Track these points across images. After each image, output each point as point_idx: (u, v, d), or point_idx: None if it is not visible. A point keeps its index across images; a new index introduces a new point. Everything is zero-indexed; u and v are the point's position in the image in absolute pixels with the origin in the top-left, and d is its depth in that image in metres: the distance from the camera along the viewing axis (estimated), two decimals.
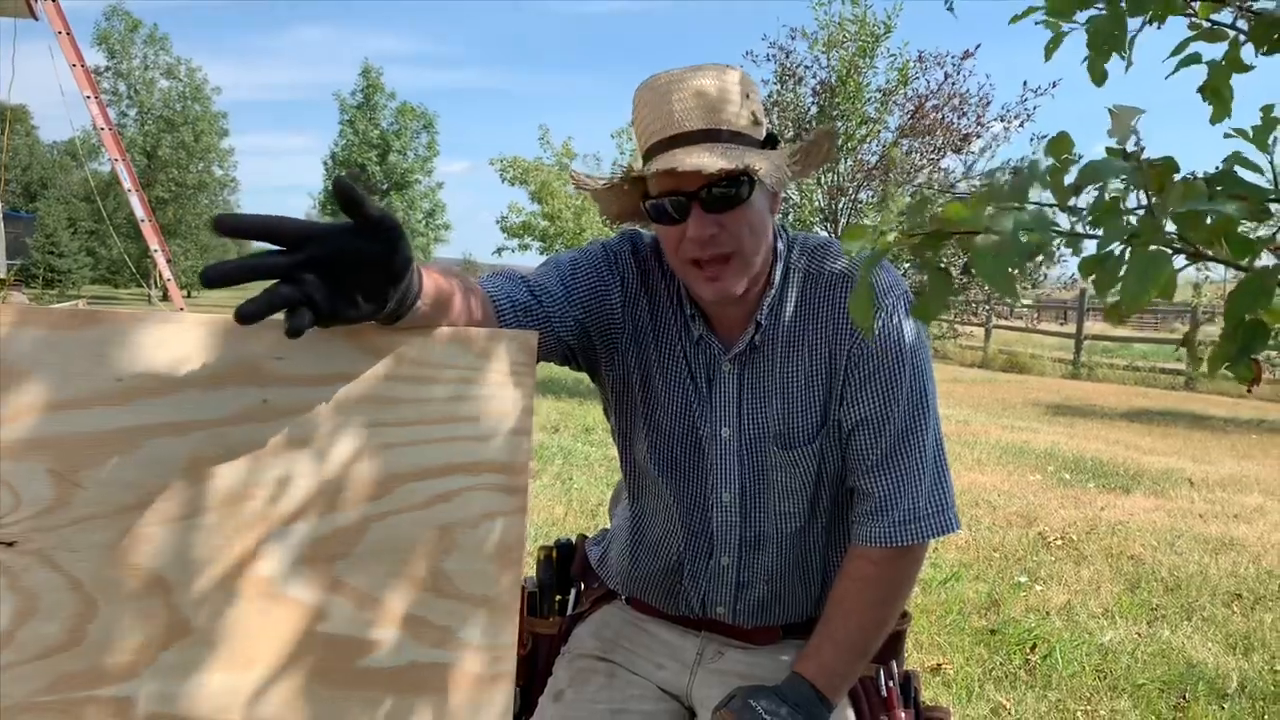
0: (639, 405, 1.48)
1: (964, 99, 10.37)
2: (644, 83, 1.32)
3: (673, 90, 1.27)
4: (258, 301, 0.82)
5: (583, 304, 1.40)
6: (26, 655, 0.86)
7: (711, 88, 1.26)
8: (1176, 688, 3.13)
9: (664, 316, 1.45)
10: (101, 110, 13.15)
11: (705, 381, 1.44)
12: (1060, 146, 0.69)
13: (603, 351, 1.46)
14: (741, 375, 1.42)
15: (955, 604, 3.81)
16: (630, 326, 1.45)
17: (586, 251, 1.46)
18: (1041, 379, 14.94)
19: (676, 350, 1.44)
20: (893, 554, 1.37)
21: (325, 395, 0.92)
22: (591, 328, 1.42)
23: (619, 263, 1.45)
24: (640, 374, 1.46)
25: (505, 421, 0.97)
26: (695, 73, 1.28)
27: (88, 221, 27.46)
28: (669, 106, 1.27)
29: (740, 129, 1.27)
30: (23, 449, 0.85)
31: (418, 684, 0.95)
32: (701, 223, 1.27)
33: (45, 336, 0.85)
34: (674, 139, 1.26)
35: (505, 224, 13.60)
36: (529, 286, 1.36)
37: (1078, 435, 8.75)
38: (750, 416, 1.42)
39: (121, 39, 28.58)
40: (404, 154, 28.46)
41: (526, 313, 1.32)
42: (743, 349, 1.40)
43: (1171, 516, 5.50)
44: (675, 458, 1.47)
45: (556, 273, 1.41)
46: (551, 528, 4.57)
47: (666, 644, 1.55)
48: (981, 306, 11.04)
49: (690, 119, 1.25)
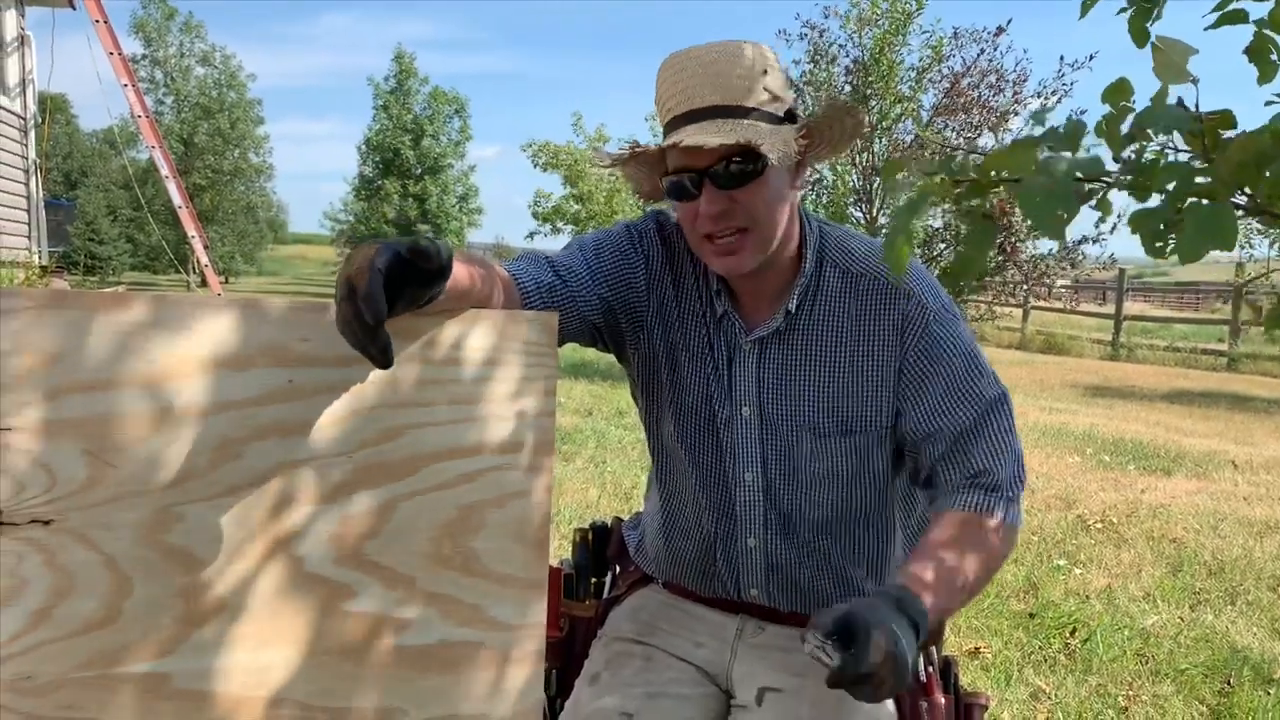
0: (665, 385, 1.47)
1: (1000, 75, 10.20)
2: (666, 59, 1.32)
3: (688, 66, 1.28)
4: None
5: (608, 282, 1.41)
6: (64, 632, 0.87)
7: (725, 63, 1.26)
8: (1221, 673, 3.07)
9: (688, 294, 1.45)
10: (139, 98, 13.27)
11: (725, 360, 1.43)
12: (1119, 93, 0.66)
13: (628, 330, 1.46)
14: (762, 356, 1.41)
15: (993, 587, 3.76)
16: (655, 305, 1.46)
17: (610, 232, 1.48)
18: (1080, 360, 14.74)
19: (700, 328, 1.44)
20: (1004, 526, 1.31)
21: (349, 377, 0.92)
22: (617, 306, 1.43)
23: (643, 241, 1.46)
24: (666, 353, 1.46)
25: (528, 402, 0.97)
26: (712, 49, 1.28)
27: (127, 209, 27.79)
28: (684, 83, 1.27)
29: (753, 104, 1.27)
30: (58, 430, 0.86)
31: (447, 662, 0.96)
32: (713, 198, 1.27)
33: (78, 319, 0.86)
34: (687, 115, 1.27)
35: (536, 209, 13.59)
36: (554, 267, 1.37)
37: (1117, 417, 8.62)
38: (773, 399, 1.41)
39: (158, 27, 28.84)
40: (437, 138, 28.54)
41: (551, 293, 1.33)
42: (768, 333, 1.39)
43: (1214, 499, 5.40)
44: (700, 437, 1.46)
45: (581, 253, 1.42)
46: (586, 510, 4.58)
47: (705, 621, 1.55)
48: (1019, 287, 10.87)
49: (701, 95, 1.26)
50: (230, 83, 30.27)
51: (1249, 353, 13.85)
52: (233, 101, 30.00)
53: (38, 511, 0.85)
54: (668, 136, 1.27)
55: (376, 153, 28.49)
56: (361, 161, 29.11)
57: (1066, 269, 10.68)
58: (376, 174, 28.43)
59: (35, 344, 0.85)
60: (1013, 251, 10.02)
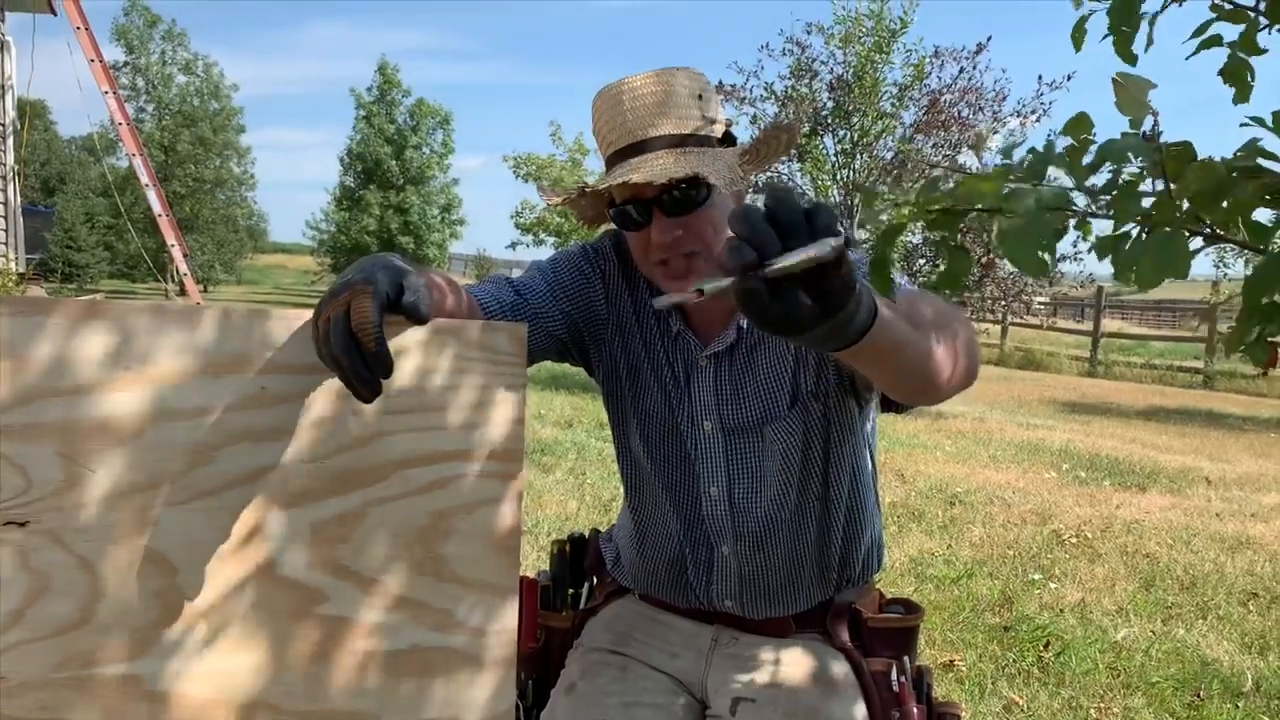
0: (628, 399, 1.50)
1: (980, 94, 10.30)
2: (599, 92, 1.35)
3: (624, 98, 1.30)
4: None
5: (568, 297, 1.45)
6: (37, 633, 0.87)
7: (663, 93, 1.29)
8: (1191, 686, 3.11)
9: (645, 312, 1.48)
10: (119, 105, 13.20)
11: (684, 376, 1.46)
12: (1078, 127, 0.68)
13: (592, 345, 1.50)
14: (719, 371, 1.43)
15: (968, 600, 3.79)
16: (614, 321, 1.49)
17: (567, 252, 1.52)
18: (1058, 376, 14.86)
19: (657, 345, 1.47)
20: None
21: (322, 383, 0.93)
22: (580, 321, 1.47)
23: (600, 258, 1.50)
24: (627, 367, 1.49)
25: (499, 409, 0.99)
26: (647, 79, 1.31)
27: (105, 216, 27.57)
28: (622, 116, 1.30)
29: (691, 132, 1.30)
30: (34, 433, 0.87)
31: (418, 667, 0.97)
32: (663, 227, 1.30)
33: (55, 325, 0.87)
34: (629, 149, 1.29)
35: (519, 220, 13.60)
36: (514, 287, 1.41)
37: (1093, 433, 8.70)
38: (732, 411, 1.43)
39: (140, 34, 28.62)
40: (420, 149, 28.48)
41: (514, 310, 1.38)
42: (722, 349, 1.42)
43: (1187, 515, 5.46)
44: (664, 451, 1.49)
45: (539, 273, 1.46)
46: (565, 522, 4.58)
47: (680, 632, 1.56)
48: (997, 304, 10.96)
49: (641, 127, 1.29)
50: (213, 92, 30.12)
51: (1225, 370, 14.01)
52: (214, 110, 29.85)
53: (13, 514, 0.86)
54: (612, 172, 1.29)
55: (358, 162, 28.39)
56: (343, 171, 29.00)
57: (1045, 286, 10.77)
58: (358, 184, 28.32)
59: (12, 349, 0.86)
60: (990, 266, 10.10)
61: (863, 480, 1.51)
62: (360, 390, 0.87)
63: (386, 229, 27.24)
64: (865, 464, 1.52)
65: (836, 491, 1.46)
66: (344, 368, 0.86)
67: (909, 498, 5.57)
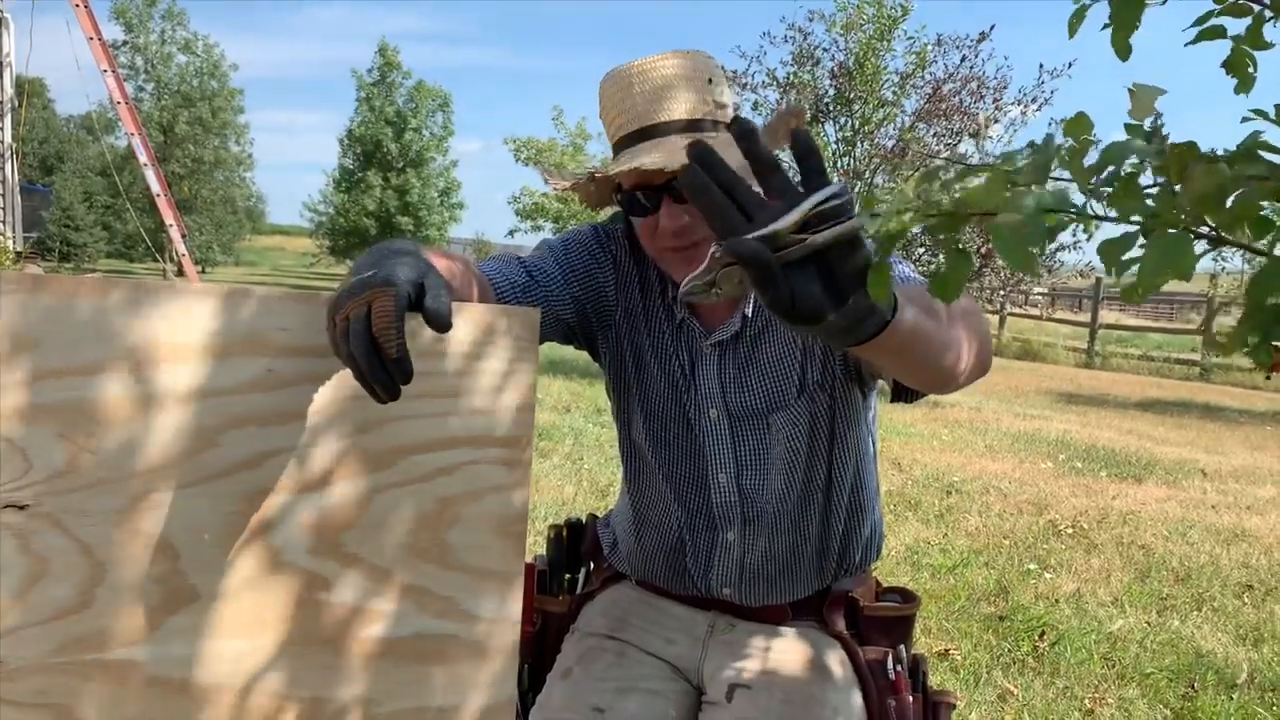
0: (633, 385, 1.49)
1: (981, 82, 10.26)
2: (608, 74, 1.33)
3: (634, 82, 1.29)
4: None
5: (578, 281, 1.44)
6: (37, 617, 0.87)
7: (673, 76, 1.28)
8: (1185, 677, 3.12)
9: (652, 298, 1.47)
10: (118, 84, 13.13)
11: (689, 364, 1.45)
12: (1078, 127, 0.67)
13: (599, 329, 1.49)
14: (723, 359, 1.43)
15: (964, 590, 3.80)
16: (623, 306, 1.48)
17: (579, 232, 1.50)
18: (1055, 367, 14.87)
19: (664, 332, 1.46)
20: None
21: (329, 367, 0.92)
22: (588, 304, 1.45)
23: (611, 241, 1.49)
24: (633, 353, 1.48)
25: (508, 396, 0.97)
26: (656, 62, 1.29)
27: (104, 196, 27.47)
28: (631, 100, 1.29)
29: (702, 116, 1.28)
30: (35, 414, 0.85)
31: (423, 654, 0.96)
32: (672, 213, 1.29)
33: (57, 305, 0.86)
34: (638, 133, 1.28)
35: (518, 205, 13.56)
36: (525, 268, 1.39)
37: (1090, 424, 8.71)
38: (738, 398, 1.43)
39: (139, 13, 28.46)
40: (419, 132, 28.36)
41: (525, 292, 1.36)
42: (726, 337, 1.41)
43: (1183, 507, 5.47)
44: (669, 439, 1.48)
45: (550, 253, 1.44)
46: (562, 507, 4.58)
47: (677, 618, 1.56)
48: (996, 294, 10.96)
49: (651, 111, 1.27)
50: (212, 72, 29.98)
51: (1221, 363, 14.03)
52: (214, 90, 29.72)
53: (13, 496, 0.85)
54: (620, 157, 1.28)
55: (358, 144, 28.27)
56: (343, 153, 28.88)
57: (1044, 275, 10.76)
58: (358, 166, 28.22)
59: (11, 328, 0.84)
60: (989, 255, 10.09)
61: (865, 466, 1.51)
62: (378, 393, 0.84)
63: (386, 211, 27.16)
64: (868, 450, 1.52)
65: (840, 476, 1.46)
66: (362, 370, 0.83)
67: (905, 486, 5.58)
